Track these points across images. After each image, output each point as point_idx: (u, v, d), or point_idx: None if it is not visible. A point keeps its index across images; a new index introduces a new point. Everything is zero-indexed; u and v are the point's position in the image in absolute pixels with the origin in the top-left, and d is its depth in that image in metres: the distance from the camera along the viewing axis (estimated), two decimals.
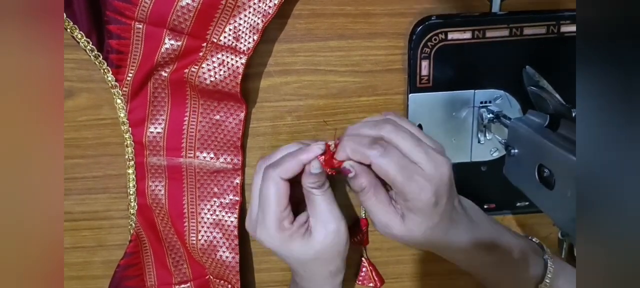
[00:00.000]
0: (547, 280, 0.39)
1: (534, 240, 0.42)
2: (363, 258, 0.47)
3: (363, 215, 0.47)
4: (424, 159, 0.34)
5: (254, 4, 0.39)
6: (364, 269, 0.47)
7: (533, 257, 0.40)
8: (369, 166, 0.35)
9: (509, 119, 0.40)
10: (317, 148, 0.37)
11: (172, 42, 0.39)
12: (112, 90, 0.41)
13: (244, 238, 0.47)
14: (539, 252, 0.40)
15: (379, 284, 0.48)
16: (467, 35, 0.41)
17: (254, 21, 0.39)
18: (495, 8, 0.41)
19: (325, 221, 0.37)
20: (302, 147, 0.38)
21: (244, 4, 0.39)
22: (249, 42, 0.39)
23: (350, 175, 0.35)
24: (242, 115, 0.43)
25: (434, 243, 0.37)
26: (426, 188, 0.34)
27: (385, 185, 0.36)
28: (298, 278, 0.41)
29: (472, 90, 0.42)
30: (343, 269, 0.41)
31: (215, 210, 0.44)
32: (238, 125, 0.43)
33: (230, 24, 0.39)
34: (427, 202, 0.34)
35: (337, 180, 0.41)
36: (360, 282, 0.47)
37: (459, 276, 0.49)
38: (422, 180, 0.34)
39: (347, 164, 0.36)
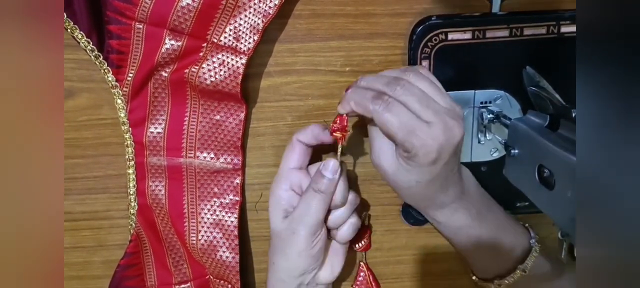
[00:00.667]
0: (529, 262, 0.39)
1: (526, 225, 0.43)
2: (362, 263, 0.47)
3: (366, 222, 0.47)
4: (433, 119, 0.34)
5: (255, 4, 0.39)
6: (361, 274, 0.47)
7: (518, 237, 0.41)
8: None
9: (509, 119, 0.40)
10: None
11: (173, 42, 0.39)
12: (113, 90, 0.41)
13: (243, 238, 0.47)
14: (527, 235, 0.42)
15: None
16: (467, 35, 0.41)
17: (255, 21, 0.39)
18: (496, 8, 0.41)
19: (310, 224, 0.38)
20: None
21: (244, 4, 0.39)
22: (249, 43, 0.39)
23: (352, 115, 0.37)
24: (242, 115, 0.43)
25: (416, 197, 0.38)
26: (428, 145, 0.33)
27: None
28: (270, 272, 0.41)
29: (472, 91, 0.42)
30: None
31: (215, 210, 0.44)
32: (238, 125, 0.43)
33: (230, 24, 0.39)
34: (424, 157, 0.34)
35: None
36: (356, 287, 0.47)
37: (459, 276, 0.49)
38: (425, 138, 0.33)
39: (345, 114, 0.37)
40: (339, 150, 0.39)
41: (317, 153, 0.44)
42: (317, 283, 0.41)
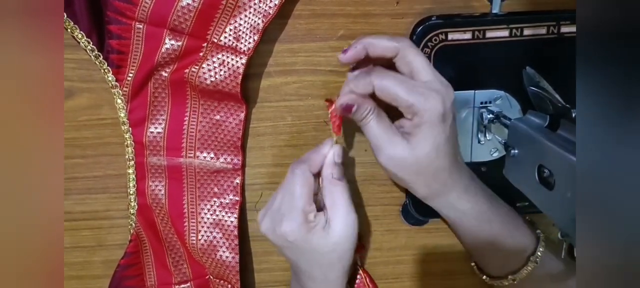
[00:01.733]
0: (539, 252, 0.40)
1: (526, 218, 0.43)
2: (358, 267, 0.47)
3: None
4: (431, 76, 0.36)
5: (255, 4, 0.39)
6: (358, 277, 0.47)
7: (524, 228, 0.41)
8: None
9: (509, 119, 0.40)
10: (330, 141, 0.39)
11: (173, 42, 0.39)
12: (113, 90, 0.41)
13: (243, 238, 0.47)
14: (532, 228, 0.42)
15: None
16: (468, 35, 0.41)
17: (255, 21, 0.39)
18: (496, 8, 0.41)
19: (345, 213, 0.38)
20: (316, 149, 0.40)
21: (244, 4, 0.39)
22: (250, 43, 0.39)
23: (354, 108, 0.36)
24: (242, 115, 0.43)
25: (435, 176, 0.37)
26: (433, 96, 0.35)
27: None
28: (303, 279, 0.41)
29: (472, 91, 0.42)
30: (349, 272, 0.41)
31: (215, 210, 0.44)
32: (238, 125, 0.43)
33: (230, 24, 0.39)
34: (434, 109, 0.35)
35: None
36: None
37: (459, 276, 0.49)
38: (427, 91, 0.35)
39: (345, 99, 0.37)
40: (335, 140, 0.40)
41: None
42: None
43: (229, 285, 0.45)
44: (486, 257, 0.43)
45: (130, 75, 0.40)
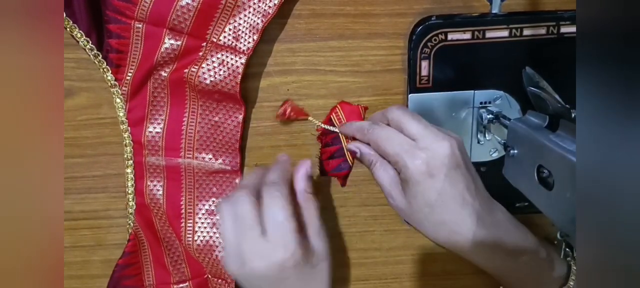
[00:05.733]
0: (572, 283, 0.39)
1: (555, 243, 0.42)
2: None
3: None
4: (422, 133, 0.36)
5: (254, 3, 0.39)
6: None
7: (557, 259, 0.40)
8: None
9: (509, 119, 0.40)
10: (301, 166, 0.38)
11: (172, 41, 0.39)
12: (112, 90, 0.41)
13: None
14: (559, 258, 0.41)
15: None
16: (467, 35, 0.41)
17: (254, 21, 0.39)
18: (495, 9, 0.41)
19: (321, 229, 0.37)
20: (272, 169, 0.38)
21: (244, 3, 0.39)
22: (249, 42, 0.39)
23: (357, 154, 0.40)
24: (241, 117, 0.42)
25: (437, 228, 0.36)
26: (416, 156, 0.35)
27: None
28: None
29: (472, 91, 0.42)
30: None
31: (213, 210, 0.44)
32: (237, 127, 0.43)
33: (230, 23, 0.39)
34: (417, 169, 0.35)
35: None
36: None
37: (459, 276, 0.49)
38: (413, 150, 0.35)
39: (351, 146, 0.41)
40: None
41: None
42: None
43: (227, 284, 0.45)
44: None
45: (130, 74, 0.40)
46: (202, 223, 0.44)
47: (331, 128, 0.43)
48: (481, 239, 0.37)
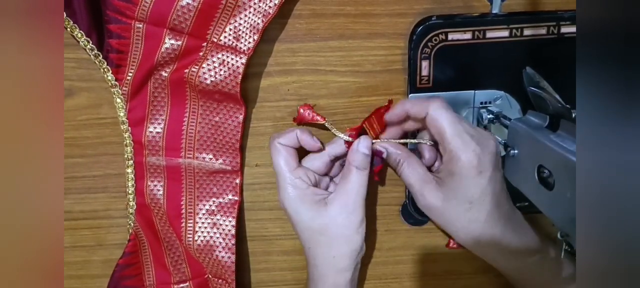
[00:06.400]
0: None
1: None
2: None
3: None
4: (472, 129, 0.36)
5: (255, 3, 0.39)
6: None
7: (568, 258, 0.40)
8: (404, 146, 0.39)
9: (509, 119, 0.40)
10: (316, 145, 0.40)
11: (172, 41, 0.39)
12: (112, 90, 0.41)
13: (241, 238, 0.47)
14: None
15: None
16: (468, 35, 0.41)
17: (255, 21, 0.39)
18: (496, 9, 0.41)
19: (346, 200, 0.38)
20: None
21: (244, 3, 0.39)
22: (250, 42, 0.39)
23: (383, 154, 0.39)
24: (241, 117, 0.42)
25: (471, 226, 0.36)
26: (470, 146, 0.35)
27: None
28: (309, 266, 0.41)
29: (472, 91, 0.42)
30: (351, 270, 0.40)
31: (213, 211, 0.44)
32: (237, 127, 0.43)
33: (230, 23, 0.39)
34: (469, 163, 0.35)
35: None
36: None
37: (459, 276, 0.49)
38: (468, 138, 0.35)
39: (379, 145, 0.40)
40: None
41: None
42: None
43: (227, 285, 0.45)
44: None
45: (130, 74, 0.40)
46: (203, 223, 0.44)
47: (390, 114, 0.40)
48: (507, 242, 0.37)
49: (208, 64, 0.40)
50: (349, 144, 0.40)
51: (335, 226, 0.38)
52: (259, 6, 0.39)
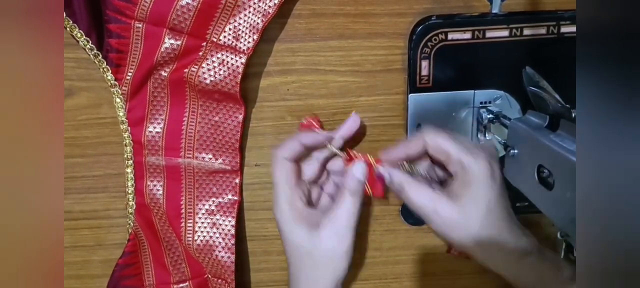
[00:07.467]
0: None
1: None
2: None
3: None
4: (470, 142, 0.38)
5: (254, 3, 0.39)
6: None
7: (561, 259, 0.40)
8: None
9: (509, 119, 0.40)
10: (321, 136, 0.41)
11: (172, 41, 0.39)
12: (112, 89, 0.41)
13: (240, 238, 0.47)
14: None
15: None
16: (467, 35, 0.41)
17: (254, 21, 0.39)
18: (495, 8, 0.41)
19: (338, 225, 0.38)
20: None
21: (244, 3, 0.39)
22: (249, 42, 0.39)
23: (387, 179, 0.39)
24: (241, 117, 0.42)
25: (489, 227, 0.36)
26: (480, 154, 0.36)
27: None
28: (290, 283, 0.40)
29: (472, 91, 0.42)
30: None
31: (213, 210, 0.44)
32: (237, 127, 0.43)
33: (230, 23, 0.39)
34: (484, 170, 0.35)
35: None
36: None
37: (459, 276, 0.49)
38: (475, 149, 0.36)
39: (382, 170, 0.39)
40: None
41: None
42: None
43: (226, 284, 0.45)
44: None
45: (130, 74, 0.40)
46: (202, 223, 0.44)
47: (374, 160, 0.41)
48: (508, 242, 0.37)
49: (208, 64, 0.40)
50: (348, 160, 0.41)
51: (323, 249, 0.38)
52: (259, 6, 0.39)
